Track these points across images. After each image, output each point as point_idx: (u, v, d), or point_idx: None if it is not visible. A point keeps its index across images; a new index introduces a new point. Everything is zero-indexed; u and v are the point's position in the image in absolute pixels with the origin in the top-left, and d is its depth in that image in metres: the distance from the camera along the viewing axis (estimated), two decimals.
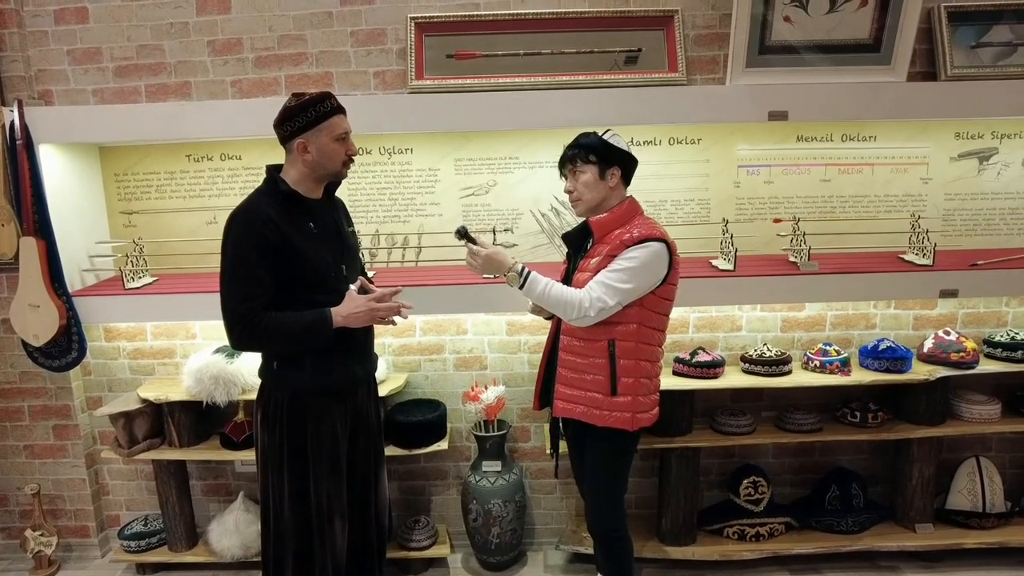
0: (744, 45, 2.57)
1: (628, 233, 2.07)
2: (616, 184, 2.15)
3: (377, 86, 2.75)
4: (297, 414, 2.04)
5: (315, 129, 1.97)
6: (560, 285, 2.11)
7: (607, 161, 2.12)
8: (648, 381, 2.15)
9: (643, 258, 2.03)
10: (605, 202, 2.15)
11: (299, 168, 2.01)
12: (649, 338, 2.13)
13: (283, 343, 1.99)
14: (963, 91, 2.59)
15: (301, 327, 1.96)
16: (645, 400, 2.14)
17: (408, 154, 2.86)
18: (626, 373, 2.09)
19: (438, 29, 2.66)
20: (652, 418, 2.18)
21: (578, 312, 2.04)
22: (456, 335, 2.96)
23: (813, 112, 2.58)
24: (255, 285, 1.92)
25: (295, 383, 2.03)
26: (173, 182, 2.92)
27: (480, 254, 2.15)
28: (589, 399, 2.13)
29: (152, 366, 3.00)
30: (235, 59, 2.75)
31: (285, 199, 1.99)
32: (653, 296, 2.09)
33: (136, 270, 2.75)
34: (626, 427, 2.11)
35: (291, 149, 2.00)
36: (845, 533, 2.83)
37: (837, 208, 2.92)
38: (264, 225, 1.91)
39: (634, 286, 2.03)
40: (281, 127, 1.99)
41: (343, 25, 2.71)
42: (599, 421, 2.12)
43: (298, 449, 2.05)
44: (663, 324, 2.17)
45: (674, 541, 2.83)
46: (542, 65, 2.67)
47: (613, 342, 2.08)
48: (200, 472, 3.07)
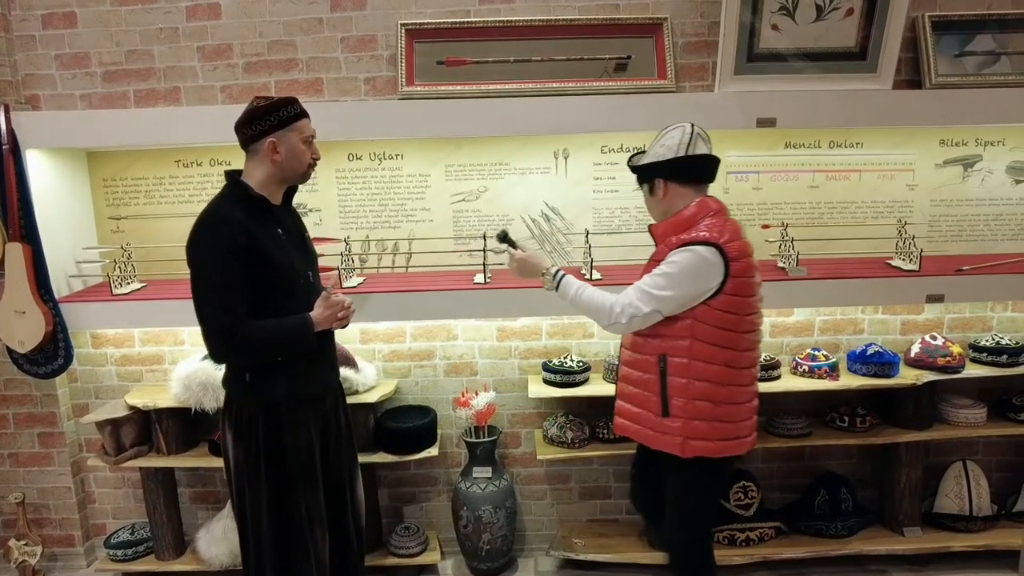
0: (732, 53, 2.59)
1: (676, 236, 1.94)
2: (668, 193, 2.00)
3: (367, 92, 2.75)
4: (273, 425, 1.97)
5: (286, 129, 1.94)
6: (593, 289, 2.01)
7: (645, 178, 2.04)
8: (709, 405, 1.91)
9: (684, 263, 1.86)
10: (671, 207, 2.01)
11: (265, 170, 1.95)
12: (708, 356, 1.90)
13: (267, 352, 1.93)
14: (947, 99, 2.62)
15: (285, 335, 1.93)
16: (702, 426, 1.91)
17: (399, 160, 2.86)
18: (678, 393, 1.91)
19: (428, 36, 2.67)
20: (721, 448, 1.94)
21: (608, 318, 1.93)
22: (446, 341, 2.96)
23: (801, 119, 2.61)
24: (234, 294, 1.85)
25: (270, 393, 1.97)
26: (162, 187, 2.91)
27: (516, 257, 2.14)
28: (644, 418, 2.00)
29: (140, 373, 2.98)
30: (225, 65, 2.74)
31: (254, 204, 1.93)
32: (708, 308, 1.88)
33: (124, 276, 2.73)
34: (675, 452, 1.93)
35: (258, 149, 1.94)
36: (834, 537, 2.84)
37: (825, 214, 2.94)
38: (237, 231, 1.85)
39: (673, 294, 1.86)
40: (249, 126, 1.93)
41: (333, 31, 2.71)
42: (652, 443, 1.99)
43: (275, 460, 1.98)
44: (733, 342, 1.91)
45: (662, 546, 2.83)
46: (532, 72, 2.68)
47: (664, 358, 1.93)
48: (188, 479, 3.04)
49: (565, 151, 2.87)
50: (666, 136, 2.01)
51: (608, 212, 2.92)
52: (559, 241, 2.92)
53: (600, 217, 2.92)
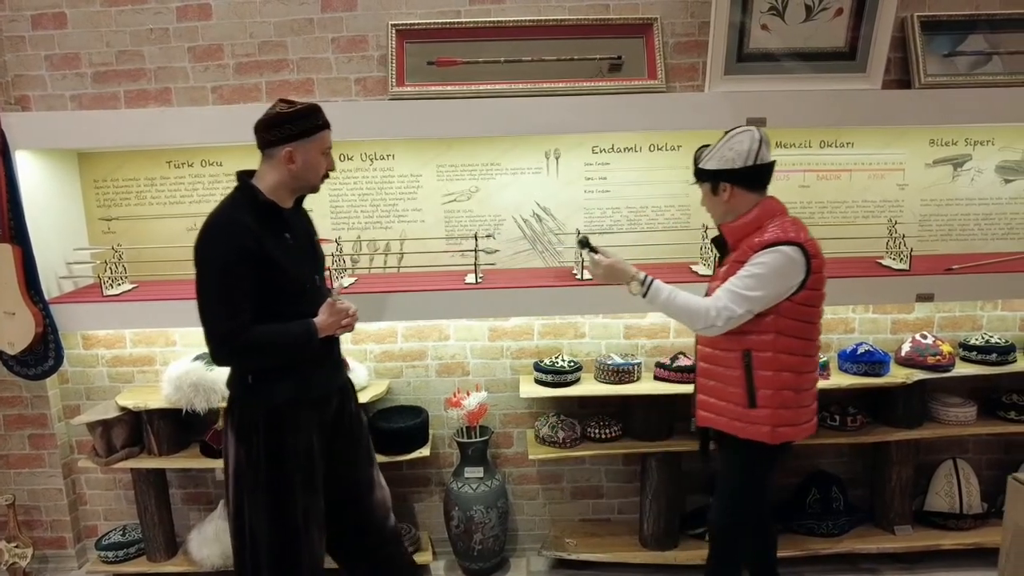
0: (722, 53, 2.60)
1: (759, 236, 1.98)
2: (732, 196, 2.03)
3: (358, 92, 2.75)
4: (274, 427, 1.97)
5: (306, 140, 1.92)
6: (685, 294, 2.04)
7: (713, 178, 2.04)
8: (792, 393, 2.01)
9: (772, 263, 1.93)
10: (733, 210, 2.06)
11: (278, 176, 1.94)
12: (790, 348, 2.00)
13: (270, 357, 1.94)
14: (936, 99, 2.63)
15: (288, 339, 1.92)
16: (787, 413, 2.02)
17: (390, 160, 2.86)
18: (765, 385, 2.00)
19: (419, 36, 2.67)
20: (801, 431, 2.06)
21: (704, 322, 1.97)
22: (438, 341, 2.96)
23: (791, 119, 2.61)
24: (240, 299, 1.84)
25: (272, 396, 1.96)
26: (153, 188, 2.90)
27: (602, 263, 2.15)
28: (729, 410, 2.07)
29: (131, 374, 2.98)
30: (216, 66, 2.74)
31: (263, 209, 1.92)
32: (790, 303, 1.97)
33: (115, 277, 2.73)
34: (765, 440, 2.02)
35: (274, 155, 1.92)
36: (825, 536, 2.85)
37: (816, 214, 2.95)
38: (245, 235, 1.84)
39: (763, 293, 1.94)
40: (268, 131, 1.91)
41: (324, 32, 2.71)
42: (740, 433, 2.05)
43: (275, 463, 1.97)
44: (809, 332, 2.03)
45: (656, 546, 2.84)
46: (523, 72, 2.69)
47: (749, 353, 2.00)
48: (180, 481, 3.04)
49: (556, 151, 2.88)
50: (734, 141, 2.03)
51: (599, 212, 2.92)
52: (550, 241, 2.92)
53: (592, 217, 2.92)
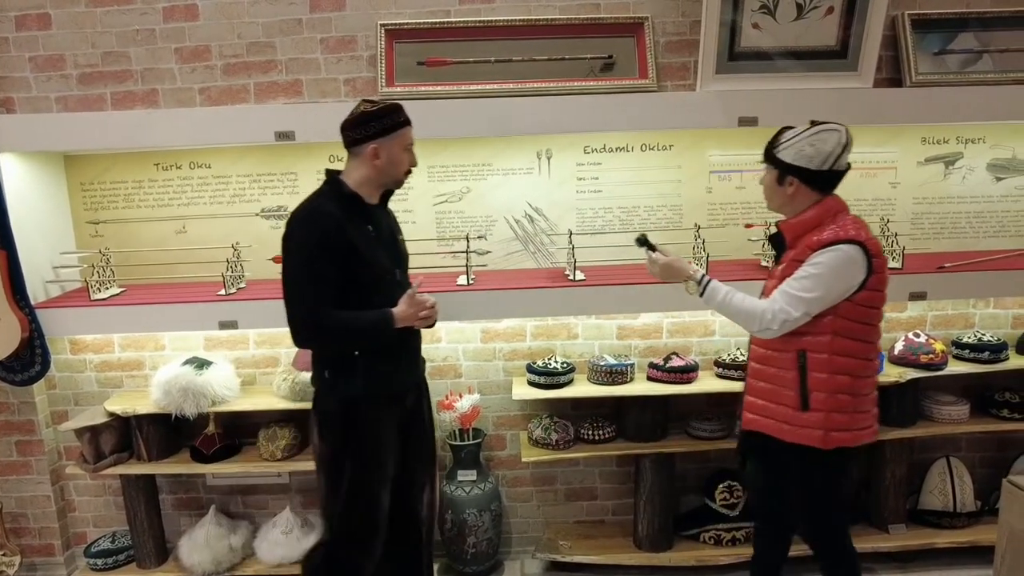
0: (713, 51, 2.59)
1: (817, 236, 1.93)
2: (796, 192, 1.98)
3: (347, 93, 2.73)
4: (349, 421, 2.05)
5: (389, 136, 2.01)
6: (742, 295, 2.01)
7: (783, 169, 1.99)
8: (848, 397, 1.95)
9: (830, 263, 1.88)
10: (792, 205, 2.01)
11: (364, 172, 2.03)
12: (848, 350, 1.94)
13: (346, 341, 2.03)
14: (928, 97, 2.63)
15: (365, 325, 2.01)
16: (842, 417, 1.95)
17: None
18: (819, 387, 1.94)
19: (408, 36, 2.65)
20: (857, 437, 1.99)
21: (760, 325, 1.94)
22: (430, 343, 2.93)
23: (782, 118, 2.57)
24: (322, 284, 1.94)
25: (348, 390, 2.05)
26: (141, 191, 2.87)
27: (659, 262, 2.14)
28: (779, 412, 2.00)
29: (120, 379, 2.94)
30: (203, 67, 2.71)
31: (348, 201, 2.02)
32: (850, 304, 1.92)
33: (103, 281, 2.70)
34: (816, 444, 1.95)
35: (360, 153, 2.02)
36: None
37: None
38: (328, 223, 1.94)
39: (820, 294, 1.88)
40: (354, 130, 2.01)
41: (313, 32, 2.69)
42: (789, 437, 1.99)
43: (353, 456, 2.06)
44: (868, 334, 1.97)
45: (651, 547, 2.82)
46: (513, 72, 2.67)
47: (804, 353, 1.94)
48: (171, 486, 3.01)
49: (548, 151, 2.86)
50: (818, 138, 1.97)
51: (592, 212, 2.91)
52: (543, 242, 2.90)
53: (584, 217, 2.91)
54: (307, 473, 2.92)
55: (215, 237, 2.85)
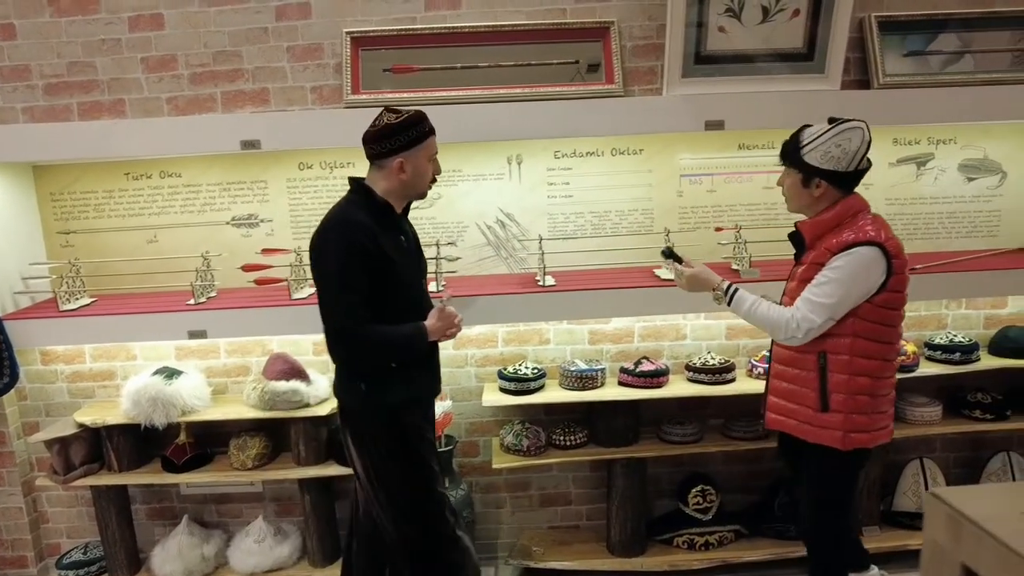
0: (680, 55, 2.58)
1: (837, 237, 1.94)
2: (823, 193, 2.00)
3: (314, 101, 2.73)
4: (398, 430, 2.03)
5: (415, 149, 1.97)
6: (767, 303, 2.03)
7: (810, 172, 2.00)
8: (868, 398, 1.97)
9: (849, 267, 1.89)
10: (816, 206, 2.03)
11: (388, 184, 1.99)
12: (868, 351, 1.95)
13: (384, 355, 1.99)
14: (896, 99, 2.63)
15: (402, 340, 1.98)
16: (861, 418, 1.97)
17: (350, 168, 2.83)
18: (839, 389, 1.96)
19: (374, 43, 2.65)
20: (875, 438, 2.01)
21: (785, 334, 1.96)
22: None
23: (750, 121, 2.60)
24: (358, 296, 1.89)
25: (390, 399, 2.00)
26: (111, 201, 2.87)
27: (685, 273, 2.16)
28: (800, 413, 2.04)
29: (92, 389, 2.94)
30: (170, 76, 2.71)
31: (379, 211, 1.97)
32: (870, 305, 1.93)
33: (72, 291, 2.69)
34: (836, 445, 1.98)
35: (385, 166, 1.97)
36: (795, 539, 2.82)
37: (780, 215, 2.93)
38: (363, 234, 1.89)
39: (841, 299, 1.90)
40: (379, 143, 1.96)
41: (279, 41, 2.69)
42: (810, 437, 2.02)
43: (405, 464, 2.04)
44: (888, 336, 1.98)
45: (623, 552, 2.82)
46: (480, 78, 2.66)
47: (824, 355, 1.96)
48: (144, 496, 3.00)
49: (518, 157, 2.86)
50: (843, 137, 1.97)
51: (563, 217, 2.91)
52: (514, 247, 2.90)
53: (555, 223, 2.91)
54: (280, 482, 2.92)
55: (186, 246, 2.85)
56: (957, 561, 0.90)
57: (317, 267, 1.93)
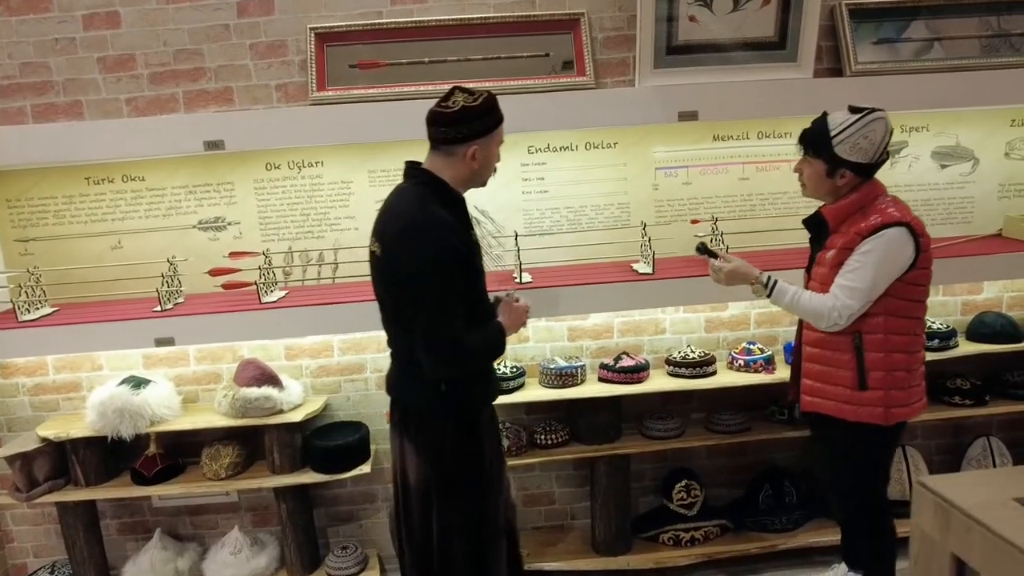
0: (651, 46, 2.55)
1: (864, 221, 1.97)
2: (847, 182, 2.02)
3: (280, 99, 2.65)
4: (471, 433, 1.89)
5: (490, 135, 1.83)
6: (808, 293, 2.06)
7: (836, 163, 2.01)
8: (904, 373, 2.03)
9: (880, 249, 1.93)
10: (838, 193, 2.05)
11: (457, 172, 1.83)
12: (901, 328, 2.01)
13: (479, 362, 1.88)
14: (868, 86, 2.62)
15: (493, 342, 1.86)
16: (900, 393, 2.03)
17: (319, 167, 2.77)
18: (876, 366, 2.01)
19: (339, 39, 2.58)
20: (913, 411, 2.07)
21: (827, 322, 2.00)
22: (377, 352, 2.87)
23: (723, 111, 2.58)
24: (457, 303, 1.73)
25: (467, 401, 1.87)
26: (72, 206, 2.77)
27: (724, 269, 2.15)
28: (837, 393, 2.06)
29: (56, 402, 2.84)
30: (128, 76, 2.62)
31: (457, 205, 1.83)
32: (900, 283, 1.98)
33: (32, 301, 2.60)
34: (878, 422, 2.02)
35: (455, 152, 1.80)
36: (780, 531, 2.82)
37: (757, 206, 2.92)
38: (453, 233, 1.74)
39: (875, 282, 1.95)
40: (454, 127, 1.78)
41: (241, 38, 2.61)
42: (850, 416, 2.05)
43: (470, 470, 1.89)
44: (918, 311, 2.05)
45: (608, 551, 2.78)
46: (449, 72, 2.61)
47: (859, 335, 2.01)
48: (115, 511, 2.91)
49: None
50: (869, 128, 1.98)
51: (538, 213, 2.86)
52: (490, 244, 2.84)
53: (531, 218, 2.86)
54: (256, 491, 2.85)
55: (152, 251, 2.76)
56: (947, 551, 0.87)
57: (406, 276, 1.73)
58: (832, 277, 2.02)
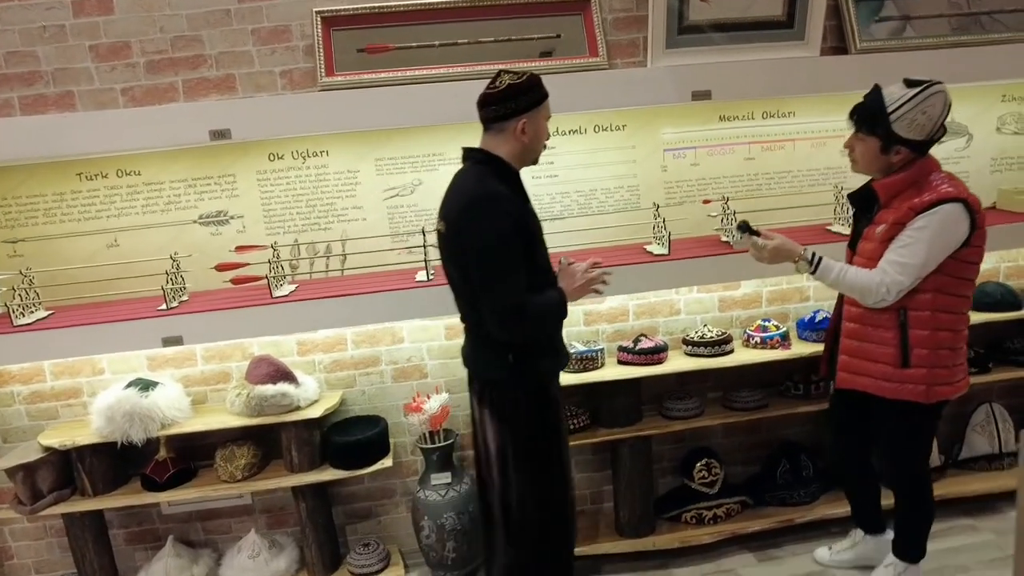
0: (662, 26, 2.54)
1: (918, 197, 1.94)
2: (902, 158, 2.00)
3: (285, 86, 2.57)
4: (542, 403, 1.98)
5: (537, 109, 1.91)
6: (855, 269, 2.03)
7: (893, 140, 1.97)
8: (949, 352, 2.01)
9: (935, 225, 1.90)
10: (887, 168, 2.03)
11: (509, 149, 1.91)
12: (949, 306, 1.99)
13: (543, 327, 1.96)
14: (872, 64, 2.64)
15: (555, 308, 1.93)
16: (944, 371, 2.01)
17: (324, 156, 2.69)
18: (921, 344, 1.98)
19: (346, 23, 2.51)
20: (956, 389, 2.05)
21: (875, 298, 1.97)
22: (392, 345, 2.81)
23: (735, 90, 2.59)
24: (519, 272, 1.83)
25: (537, 371, 1.96)
26: (64, 204, 2.64)
27: (767, 247, 2.09)
28: (878, 371, 2.05)
29: (55, 409, 2.71)
30: (123, 65, 2.51)
31: (513, 180, 1.92)
32: (953, 261, 1.95)
33: (26, 304, 2.47)
34: (920, 399, 2.01)
35: (506, 128, 1.89)
36: (798, 505, 2.86)
37: (763, 185, 2.94)
38: (510, 205, 1.84)
39: (928, 258, 1.92)
40: (503, 103, 1.87)
41: (243, 23, 2.52)
42: (889, 393, 2.04)
43: (544, 437, 1.99)
44: (967, 289, 2.02)
45: (634, 533, 2.78)
46: (459, 55, 2.56)
47: (904, 311, 1.98)
48: (122, 520, 2.79)
49: None
50: (928, 104, 1.95)
51: (548, 198, 2.83)
52: None
53: (541, 204, 2.82)
54: (271, 492, 2.77)
55: (151, 249, 2.65)
56: None
57: (471, 248, 1.81)
58: (881, 252, 2.00)
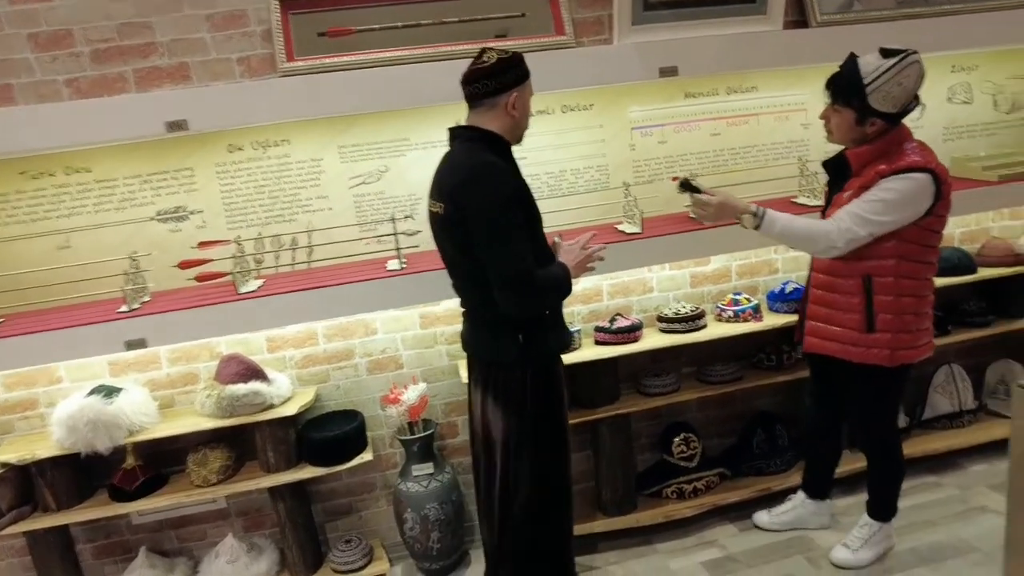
0: (628, 3, 2.53)
1: (887, 163, 1.98)
2: (877, 129, 2.02)
3: (243, 73, 2.47)
4: (543, 384, 1.95)
5: (524, 84, 1.89)
6: (802, 218, 2.05)
7: (868, 112, 1.98)
8: (913, 317, 2.06)
9: (903, 190, 1.94)
10: (862, 139, 2.05)
11: (500, 124, 1.88)
12: (912, 272, 2.03)
13: (549, 300, 1.93)
14: (832, 37, 2.68)
15: (560, 281, 1.90)
16: (907, 336, 2.06)
17: (285, 146, 2.60)
18: (885, 309, 2.03)
19: (305, 5, 2.42)
20: (918, 353, 2.11)
21: (825, 243, 1.98)
22: (365, 337, 2.75)
23: (701, 66, 2.59)
24: (523, 241, 1.80)
25: (544, 349, 1.96)
26: (8, 205, 2.49)
27: (712, 203, 2.07)
28: (844, 335, 2.09)
29: (10, 423, 2.57)
30: (66, 55, 2.37)
31: (506, 152, 1.89)
32: (916, 228, 1.99)
33: None
34: (883, 363, 2.06)
35: (497, 103, 1.87)
36: (775, 473, 2.92)
37: (729, 160, 2.97)
38: (509, 175, 1.83)
39: (890, 219, 1.95)
40: (492, 78, 1.84)
41: (196, 9, 2.40)
42: (855, 357, 2.08)
43: (549, 421, 1.97)
44: (930, 256, 2.07)
45: (617, 511, 2.80)
46: (423, 37, 2.50)
47: (869, 278, 2.02)
48: (88, 534, 2.67)
49: None
50: (903, 75, 1.96)
51: None
52: None
53: None
54: (247, 494, 2.69)
55: (107, 249, 2.52)
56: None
57: (477, 215, 1.78)
58: None
